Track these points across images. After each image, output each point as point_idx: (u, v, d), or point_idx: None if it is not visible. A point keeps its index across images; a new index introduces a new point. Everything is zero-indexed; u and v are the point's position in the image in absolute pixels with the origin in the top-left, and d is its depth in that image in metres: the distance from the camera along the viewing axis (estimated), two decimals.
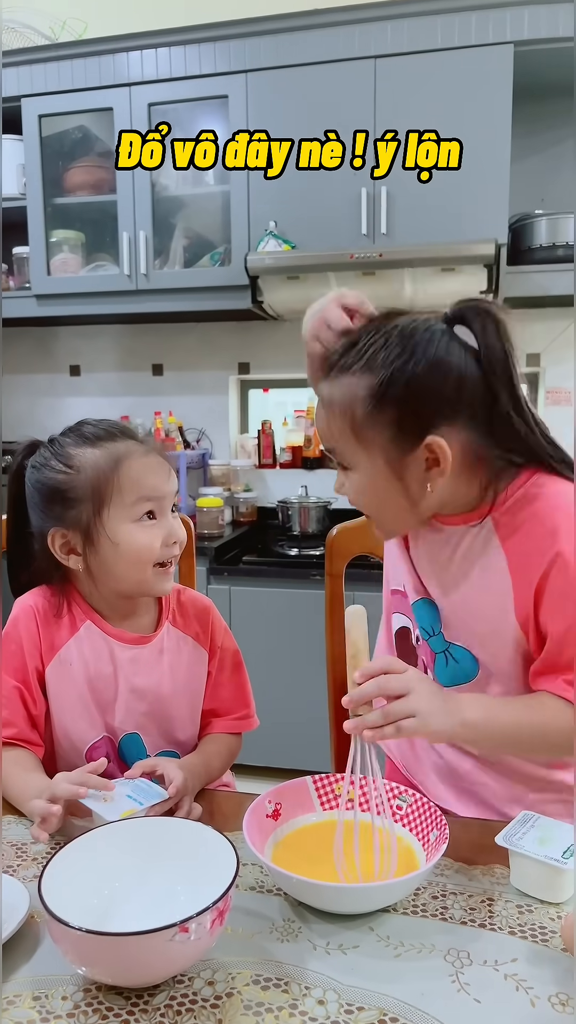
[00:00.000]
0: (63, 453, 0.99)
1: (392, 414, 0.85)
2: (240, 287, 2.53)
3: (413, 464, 0.87)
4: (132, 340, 3.08)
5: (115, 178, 2.61)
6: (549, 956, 0.69)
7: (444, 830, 0.78)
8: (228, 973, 0.67)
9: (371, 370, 0.86)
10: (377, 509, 0.95)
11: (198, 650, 1.09)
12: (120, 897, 0.72)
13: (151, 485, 0.98)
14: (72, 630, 1.03)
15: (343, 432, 0.89)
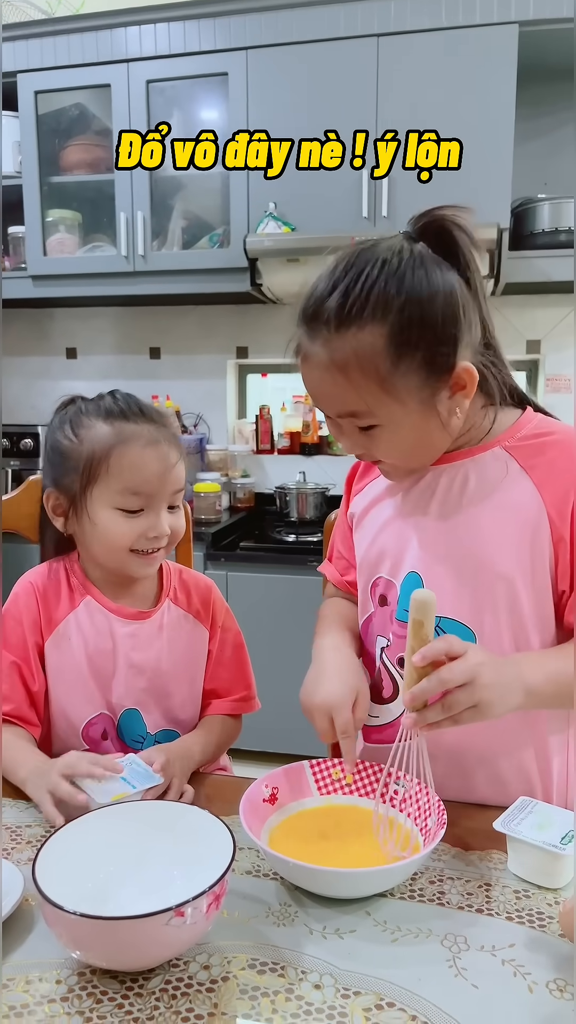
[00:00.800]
0: (77, 419, 0.99)
1: (421, 357, 0.81)
2: (239, 269, 2.50)
3: (443, 396, 0.84)
4: (129, 323, 3.05)
5: (112, 157, 2.57)
6: (547, 942, 0.68)
7: (442, 816, 0.78)
8: (224, 957, 0.66)
9: (382, 317, 0.79)
10: (411, 451, 0.89)
11: (198, 628, 1.09)
12: (115, 881, 0.71)
13: (142, 478, 0.95)
14: (72, 605, 1.03)
15: (368, 391, 0.81)
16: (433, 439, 0.89)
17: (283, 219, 2.42)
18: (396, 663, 0.98)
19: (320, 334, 0.82)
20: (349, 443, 0.89)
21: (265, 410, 2.99)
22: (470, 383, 0.84)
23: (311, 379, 0.86)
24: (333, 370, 0.82)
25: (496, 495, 0.90)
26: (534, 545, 0.88)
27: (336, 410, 0.86)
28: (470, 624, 0.91)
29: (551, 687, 0.83)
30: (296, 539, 2.62)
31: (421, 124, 2.32)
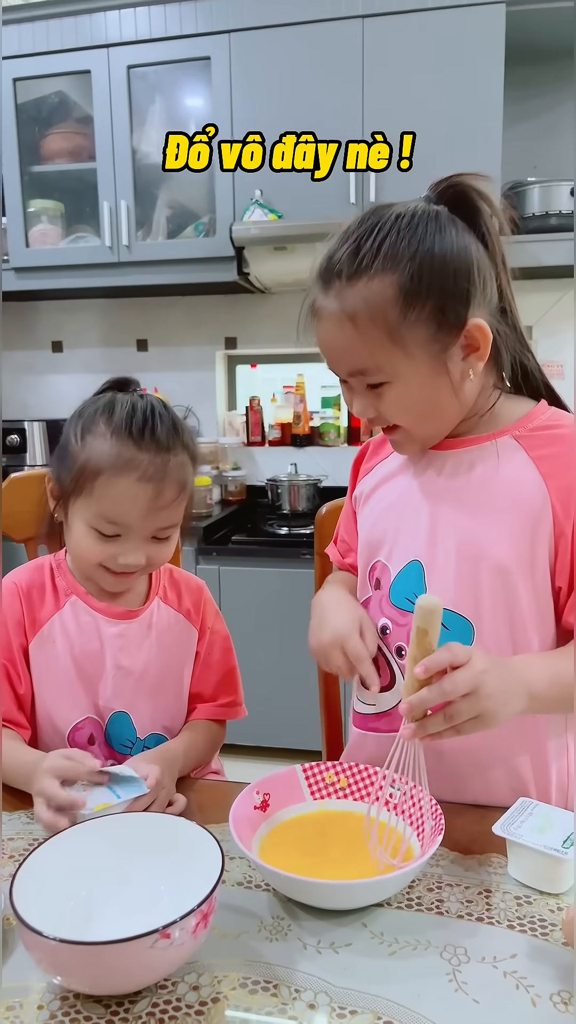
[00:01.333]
0: (91, 420, 0.93)
1: (431, 308, 0.79)
2: (225, 258, 2.46)
3: (454, 355, 0.83)
4: (116, 315, 3.01)
5: (94, 145, 2.52)
6: (550, 951, 0.66)
7: (440, 820, 0.75)
8: (214, 976, 0.63)
9: (392, 267, 0.78)
10: (422, 415, 0.87)
11: (188, 629, 1.06)
12: (99, 899, 0.68)
13: (119, 511, 0.90)
14: (56, 606, 1.00)
15: (376, 343, 0.80)
16: (444, 403, 0.86)
17: (269, 206, 2.38)
18: (393, 652, 0.95)
19: (333, 287, 0.82)
20: (360, 405, 0.87)
21: (255, 401, 2.95)
22: (483, 343, 0.82)
23: (323, 335, 0.85)
24: (344, 321, 0.81)
25: (502, 485, 0.88)
26: (535, 538, 0.86)
27: (346, 367, 0.85)
28: (469, 616, 0.88)
29: (555, 691, 0.80)
30: (289, 532, 2.59)
31: (408, 107, 2.28)
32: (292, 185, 2.37)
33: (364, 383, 0.85)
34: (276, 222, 2.35)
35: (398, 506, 0.96)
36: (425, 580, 0.92)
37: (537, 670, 0.81)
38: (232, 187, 2.43)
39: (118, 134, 2.50)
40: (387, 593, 0.95)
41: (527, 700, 0.78)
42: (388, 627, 0.96)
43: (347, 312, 0.80)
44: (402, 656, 0.94)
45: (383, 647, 0.97)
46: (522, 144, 2.49)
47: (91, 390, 1.00)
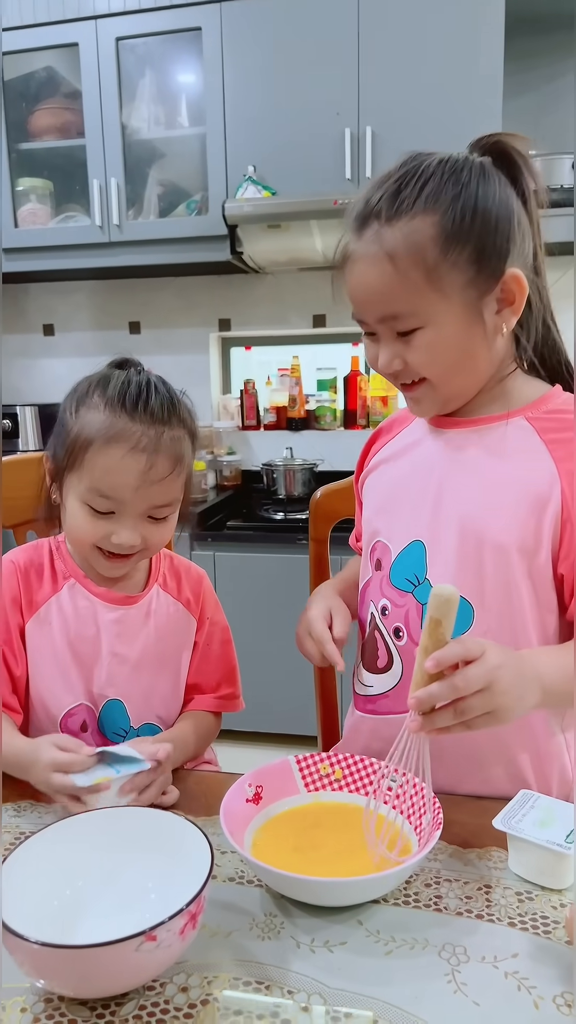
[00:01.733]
0: (86, 393, 0.91)
1: (470, 251, 0.78)
2: (218, 237, 2.41)
3: (489, 306, 0.82)
4: (107, 297, 2.96)
5: (83, 121, 2.46)
6: (552, 950, 0.63)
7: (438, 815, 0.72)
8: (203, 977, 0.61)
9: (434, 208, 0.78)
10: (451, 366, 0.84)
11: (187, 618, 1.04)
12: (86, 897, 0.65)
13: (111, 484, 0.87)
14: (54, 588, 0.97)
15: (414, 283, 0.79)
16: (475, 355, 0.84)
17: (263, 183, 2.33)
18: (392, 632, 0.93)
19: (371, 227, 0.80)
20: (387, 355, 0.84)
21: (250, 384, 2.91)
22: (519, 296, 0.82)
23: (356, 278, 0.83)
24: (381, 260, 0.79)
25: (510, 466, 0.86)
26: (541, 522, 0.83)
27: (379, 311, 0.82)
28: (470, 598, 0.86)
29: (565, 686, 0.77)
30: (284, 517, 2.56)
31: (405, 80, 2.23)
32: (286, 161, 2.33)
33: (394, 330, 0.82)
34: (270, 199, 2.31)
35: (402, 485, 0.94)
36: (426, 560, 0.89)
37: (548, 664, 0.78)
38: (225, 163, 2.38)
39: (107, 109, 2.44)
40: (387, 574, 0.93)
41: (541, 695, 0.75)
42: (387, 607, 0.94)
43: (386, 251, 0.79)
44: (399, 637, 0.92)
45: (381, 627, 0.94)
46: (522, 117, 2.43)
47: (84, 374, 0.97)
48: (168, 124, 2.54)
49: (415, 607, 0.91)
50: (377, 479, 1.01)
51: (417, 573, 0.90)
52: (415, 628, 0.91)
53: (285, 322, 2.85)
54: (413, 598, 0.91)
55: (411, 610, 0.91)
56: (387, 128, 2.25)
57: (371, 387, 2.79)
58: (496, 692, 0.69)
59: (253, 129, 2.34)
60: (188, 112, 2.52)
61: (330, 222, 2.28)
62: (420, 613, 0.90)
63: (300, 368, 2.83)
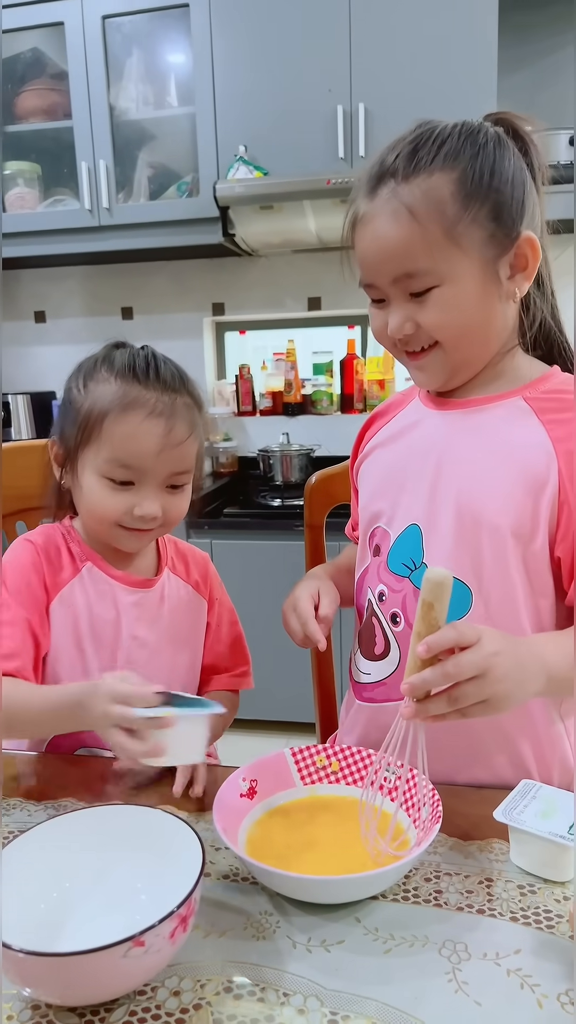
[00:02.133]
0: (92, 369, 0.91)
1: (488, 209, 0.78)
2: (210, 219, 2.37)
3: (503, 268, 0.81)
4: (99, 282, 2.91)
5: (70, 102, 2.41)
6: (555, 946, 0.61)
7: (437, 807, 0.70)
8: (196, 980, 0.59)
9: (453, 165, 0.78)
10: (465, 328, 0.83)
11: (198, 599, 1.04)
12: (74, 899, 0.63)
13: (132, 451, 0.86)
14: (74, 571, 0.95)
15: (433, 238, 0.78)
16: (489, 319, 0.83)
17: (254, 163, 2.28)
18: (389, 618, 0.91)
19: (386, 186, 0.79)
20: (399, 318, 0.82)
21: (245, 369, 2.87)
22: (532, 261, 0.81)
23: (369, 236, 0.81)
24: (399, 215, 0.78)
25: (508, 447, 0.84)
26: (538, 504, 0.81)
27: (394, 269, 0.80)
28: (467, 581, 0.84)
29: (571, 672, 0.75)
30: (282, 503, 2.53)
31: (398, 55, 2.18)
32: (278, 139, 2.28)
33: (408, 291, 0.81)
34: (262, 179, 2.26)
35: (399, 468, 0.92)
36: (423, 544, 0.87)
37: (554, 650, 0.76)
38: (215, 144, 2.33)
39: (94, 89, 2.39)
40: (385, 559, 0.92)
41: (545, 682, 0.73)
42: (385, 593, 0.92)
43: (405, 205, 0.78)
44: (397, 623, 0.90)
45: (379, 614, 0.93)
46: (518, 93, 2.39)
47: (76, 361, 0.96)
48: (157, 104, 2.49)
49: (412, 592, 0.89)
50: (373, 464, 0.99)
51: (414, 557, 0.88)
52: (412, 613, 0.88)
53: (280, 305, 2.81)
54: (410, 583, 0.89)
55: (408, 595, 0.89)
56: (380, 105, 2.21)
57: (368, 371, 2.75)
58: (492, 680, 0.66)
59: (244, 108, 2.30)
60: (177, 91, 2.47)
61: (323, 202, 2.24)
62: (417, 596, 0.87)
63: (296, 352, 2.79)
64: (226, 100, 2.31)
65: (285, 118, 2.27)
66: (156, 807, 0.69)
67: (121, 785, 0.87)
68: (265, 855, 0.68)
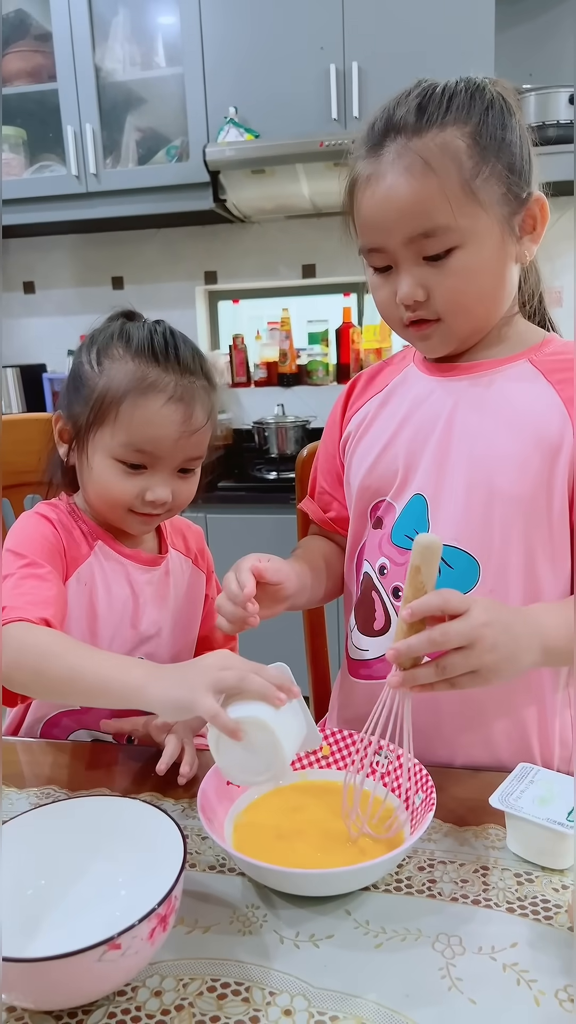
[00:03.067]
0: (106, 344, 0.87)
1: (503, 165, 0.75)
2: (200, 185, 2.29)
3: (517, 224, 0.79)
4: (89, 251, 2.84)
5: (55, 64, 2.33)
6: (553, 938, 0.59)
7: (431, 794, 0.68)
8: (179, 980, 0.57)
9: (464, 119, 0.74)
10: (481, 292, 0.80)
11: (198, 574, 1.04)
12: (51, 896, 0.61)
13: (149, 437, 0.84)
14: (88, 548, 0.92)
15: (453, 192, 0.74)
16: (503, 281, 0.80)
17: (245, 125, 2.21)
18: (390, 592, 0.88)
19: (394, 143, 0.75)
20: (410, 283, 0.78)
21: (239, 339, 2.81)
22: (540, 223, 0.80)
23: (379, 195, 0.76)
24: (413, 170, 0.74)
25: (518, 411, 0.81)
26: (554, 467, 0.79)
27: (410, 227, 0.75)
28: (475, 553, 0.81)
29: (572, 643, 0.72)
30: (277, 476, 2.49)
31: (392, 11, 2.09)
32: (269, 99, 2.20)
33: (422, 253, 0.76)
34: (253, 142, 2.19)
35: (403, 439, 0.88)
36: (428, 515, 0.84)
37: (553, 621, 0.73)
38: (204, 106, 2.25)
39: (79, 50, 2.31)
40: (388, 532, 0.89)
41: (540, 654, 0.70)
42: (386, 567, 0.89)
43: (422, 157, 0.73)
44: (398, 597, 0.87)
45: (379, 588, 0.90)
46: (516, 49, 2.31)
47: (66, 333, 0.91)
48: (144, 65, 2.40)
49: None
50: (369, 437, 0.93)
51: (418, 528, 0.85)
52: None
53: (274, 273, 2.75)
54: None
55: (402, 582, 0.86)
56: (374, 63, 2.13)
57: (364, 339, 2.70)
58: (481, 650, 0.64)
59: (233, 68, 2.22)
60: (165, 52, 2.38)
61: (316, 166, 2.17)
62: None
63: (290, 321, 2.73)
64: (215, 60, 2.22)
65: (276, 78, 2.19)
66: (142, 796, 0.66)
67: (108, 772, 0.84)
68: (252, 846, 0.66)
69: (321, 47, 2.15)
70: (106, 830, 0.63)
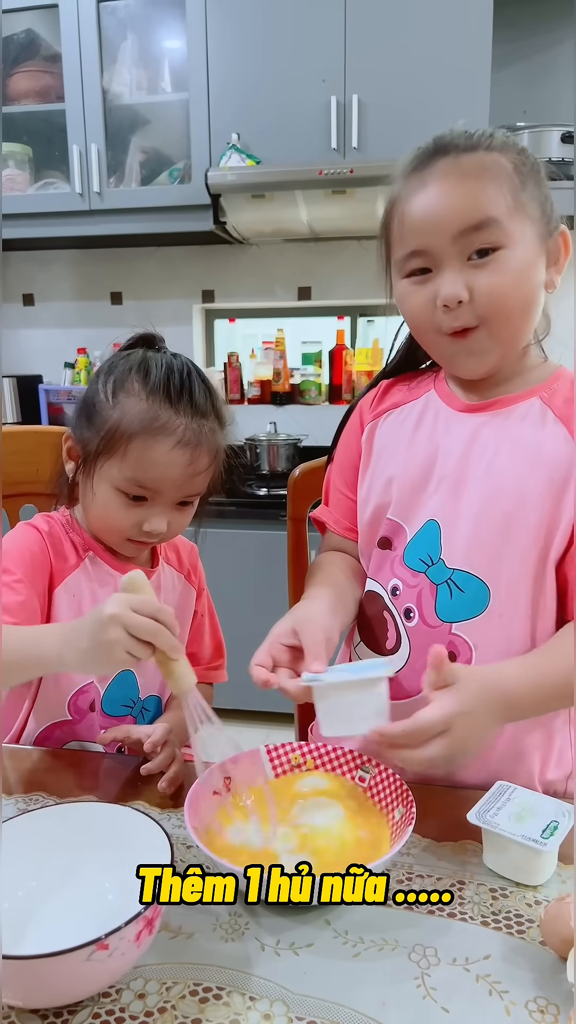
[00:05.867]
0: (123, 377, 0.88)
1: (539, 191, 0.82)
2: (202, 207, 2.34)
3: (548, 247, 0.84)
4: (89, 266, 2.88)
5: (63, 85, 2.38)
6: (526, 951, 0.61)
7: (411, 808, 0.70)
8: (162, 983, 0.58)
9: (505, 149, 0.81)
10: (518, 303, 0.82)
11: (189, 589, 1.06)
12: (39, 899, 0.62)
13: (153, 477, 0.86)
14: (78, 560, 0.94)
15: (502, 197, 0.79)
16: (535, 300, 0.83)
17: (247, 151, 2.26)
18: (402, 613, 0.91)
19: (445, 158, 0.81)
20: (454, 283, 0.80)
21: (234, 357, 2.85)
22: (564, 255, 0.85)
23: (432, 194, 0.80)
24: (467, 178, 0.80)
25: (530, 448, 0.84)
26: (564, 498, 0.82)
27: (461, 220, 0.79)
28: (486, 579, 0.84)
29: (543, 690, 0.77)
30: (267, 492, 2.52)
31: (392, 47, 2.15)
32: (271, 127, 2.26)
33: (470, 250, 0.79)
34: (254, 168, 2.24)
35: (420, 466, 0.90)
36: (441, 539, 0.87)
37: (516, 678, 0.76)
38: (208, 131, 2.30)
39: (88, 72, 2.36)
40: (401, 554, 0.91)
41: (503, 718, 0.75)
42: (399, 588, 0.92)
43: (471, 171, 0.79)
44: (410, 618, 0.90)
45: (391, 608, 0.92)
46: (511, 87, 2.38)
47: (64, 345, 0.94)
48: (150, 89, 2.46)
49: (428, 587, 0.88)
50: (388, 454, 0.94)
51: (431, 553, 0.88)
52: (427, 608, 0.88)
53: (270, 294, 2.79)
54: (426, 578, 0.89)
55: (424, 590, 0.89)
56: (374, 96, 2.18)
57: (356, 361, 2.74)
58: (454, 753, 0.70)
59: (237, 96, 2.27)
60: (171, 77, 2.44)
61: (315, 192, 2.22)
62: (433, 593, 0.88)
63: (285, 341, 2.77)
64: (220, 87, 2.28)
65: (279, 107, 2.24)
66: (129, 803, 0.68)
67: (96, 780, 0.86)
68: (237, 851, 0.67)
69: (323, 79, 2.21)
70: (95, 835, 0.65)
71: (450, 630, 0.86)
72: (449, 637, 0.86)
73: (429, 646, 0.70)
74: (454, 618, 0.86)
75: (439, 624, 0.87)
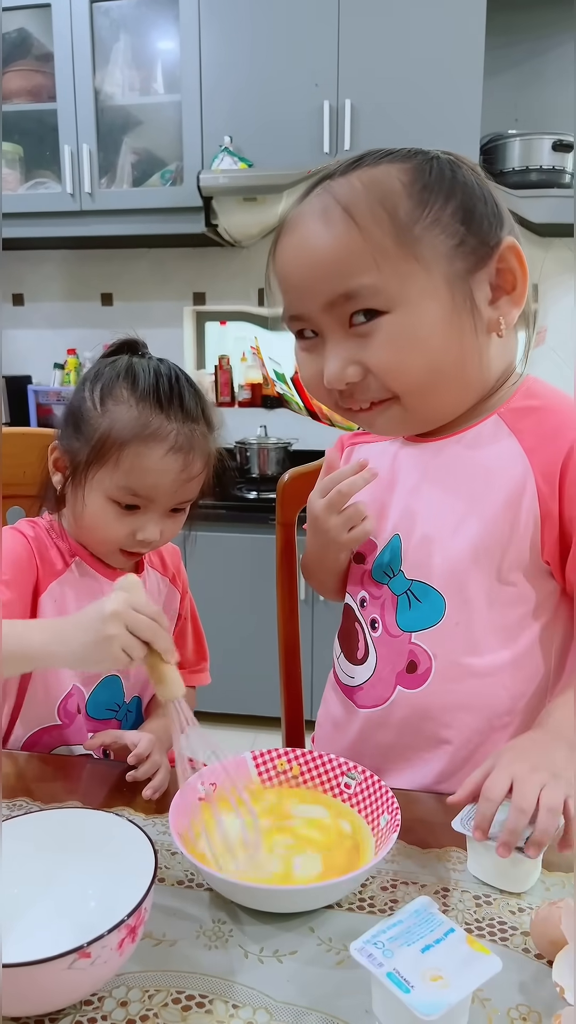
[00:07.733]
0: (110, 385, 0.87)
1: (456, 206, 0.62)
2: (193, 209, 2.34)
3: (481, 289, 0.66)
4: (79, 267, 2.88)
5: (55, 84, 2.37)
6: (508, 959, 0.61)
7: (396, 815, 0.70)
8: (145, 991, 0.58)
9: (404, 160, 0.63)
10: (432, 374, 0.67)
11: (173, 593, 1.06)
12: (21, 905, 0.62)
13: (147, 484, 0.86)
14: (64, 566, 0.94)
15: (378, 243, 0.61)
16: (465, 358, 0.67)
17: (239, 154, 2.26)
18: (369, 624, 0.91)
19: (319, 186, 0.65)
20: (338, 361, 0.66)
21: (224, 360, 2.85)
22: (519, 278, 0.65)
23: (293, 247, 0.65)
24: (331, 213, 0.62)
25: (485, 469, 0.80)
26: (516, 518, 0.79)
27: (327, 288, 0.63)
28: (440, 588, 0.84)
29: None
30: (257, 496, 2.52)
31: (385, 52, 2.16)
32: (263, 131, 2.26)
33: (347, 318, 0.64)
34: (246, 171, 2.24)
35: (377, 492, 0.89)
36: (402, 553, 0.87)
37: (565, 717, 0.74)
38: (200, 133, 2.31)
39: (80, 73, 2.36)
40: (370, 568, 0.91)
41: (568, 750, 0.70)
42: (366, 599, 0.92)
43: (339, 202, 0.61)
44: (375, 628, 0.89)
45: (360, 619, 0.92)
46: (504, 94, 2.39)
47: (53, 346, 0.93)
48: (143, 90, 2.46)
49: (390, 598, 0.88)
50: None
51: (393, 565, 0.88)
52: (389, 619, 0.88)
53: (261, 297, 2.79)
54: (388, 589, 0.89)
55: (387, 601, 0.89)
56: (366, 101, 2.19)
57: None
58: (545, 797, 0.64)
59: (230, 98, 2.27)
60: (164, 79, 2.44)
61: None
62: (394, 604, 0.88)
63: (261, 351, 2.77)
64: (213, 90, 2.28)
65: (271, 111, 2.25)
66: (114, 810, 0.68)
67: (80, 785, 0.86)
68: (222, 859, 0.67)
69: (316, 84, 2.21)
70: (78, 841, 0.64)
71: (410, 639, 0.86)
72: (409, 646, 0.86)
73: (391, 655, 0.68)
74: (413, 627, 0.86)
75: (400, 634, 0.86)
